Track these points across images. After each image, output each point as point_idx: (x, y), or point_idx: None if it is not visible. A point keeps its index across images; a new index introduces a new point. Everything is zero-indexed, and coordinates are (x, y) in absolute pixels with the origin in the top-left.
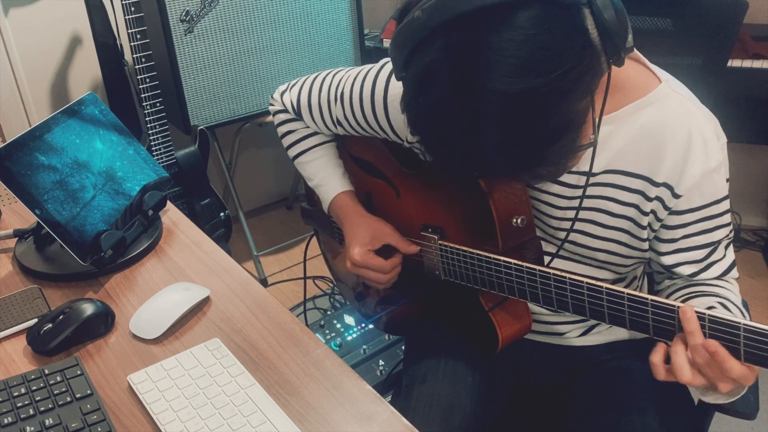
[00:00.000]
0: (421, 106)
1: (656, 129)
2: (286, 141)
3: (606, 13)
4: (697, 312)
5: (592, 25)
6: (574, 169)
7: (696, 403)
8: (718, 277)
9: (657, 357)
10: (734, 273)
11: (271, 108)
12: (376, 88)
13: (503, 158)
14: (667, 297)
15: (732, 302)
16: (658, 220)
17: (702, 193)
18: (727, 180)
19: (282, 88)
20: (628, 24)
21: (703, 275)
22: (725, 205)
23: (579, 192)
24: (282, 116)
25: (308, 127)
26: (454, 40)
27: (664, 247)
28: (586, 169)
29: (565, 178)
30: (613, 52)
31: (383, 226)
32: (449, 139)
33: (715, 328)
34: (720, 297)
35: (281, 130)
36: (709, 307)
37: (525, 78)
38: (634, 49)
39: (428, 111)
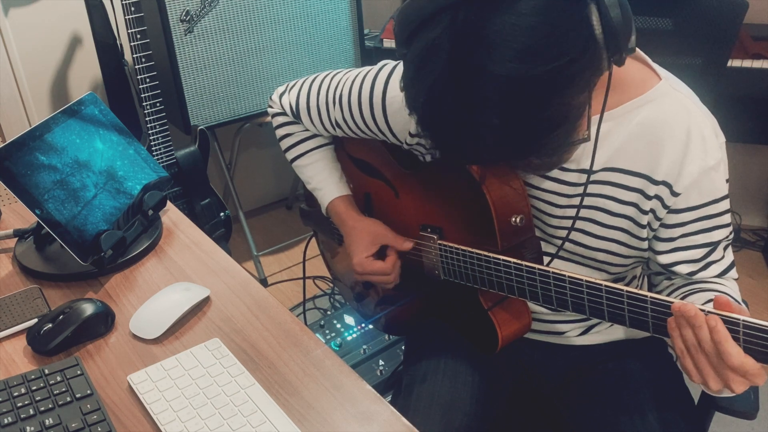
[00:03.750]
0: (421, 83)
1: (655, 126)
2: (284, 144)
3: (612, 12)
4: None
5: (597, 22)
6: (573, 166)
7: (696, 402)
8: (717, 276)
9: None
10: (733, 273)
11: (269, 110)
12: (374, 90)
13: (497, 142)
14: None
15: (731, 297)
16: (657, 219)
17: (700, 191)
18: (727, 180)
19: (280, 89)
20: (632, 25)
21: (701, 275)
22: (725, 205)
23: (578, 190)
24: (280, 119)
25: (306, 129)
26: (459, 20)
27: (661, 246)
28: (585, 166)
29: (564, 176)
30: (615, 50)
31: (377, 228)
32: (445, 119)
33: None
34: (718, 292)
35: (279, 132)
36: (708, 301)
37: (525, 64)
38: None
39: (427, 88)
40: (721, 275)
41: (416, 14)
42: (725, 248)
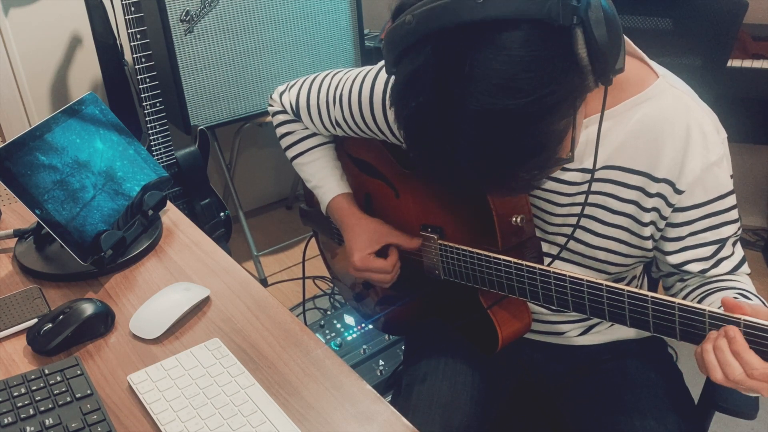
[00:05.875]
0: (405, 106)
1: (654, 124)
2: (285, 142)
3: (598, 32)
4: (696, 308)
5: (583, 46)
6: (574, 165)
7: (696, 402)
8: (729, 273)
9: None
10: (745, 268)
11: (270, 109)
12: (374, 90)
13: (475, 171)
14: (683, 299)
15: (752, 293)
16: (663, 218)
17: (705, 188)
18: (731, 176)
19: (281, 88)
20: (621, 42)
21: (712, 272)
22: (731, 200)
23: (579, 189)
24: (281, 117)
25: (307, 128)
26: (441, 51)
27: (670, 246)
28: (587, 165)
29: (565, 175)
30: (602, 72)
31: (381, 227)
32: (426, 144)
33: (714, 324)
34: (738, 289)
35: (280, 131)
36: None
37: (504, 98)
38: (633, 46)
39: (410, 113)
40: (732, 271)
41: (400, 40)
42: (734, 244)
